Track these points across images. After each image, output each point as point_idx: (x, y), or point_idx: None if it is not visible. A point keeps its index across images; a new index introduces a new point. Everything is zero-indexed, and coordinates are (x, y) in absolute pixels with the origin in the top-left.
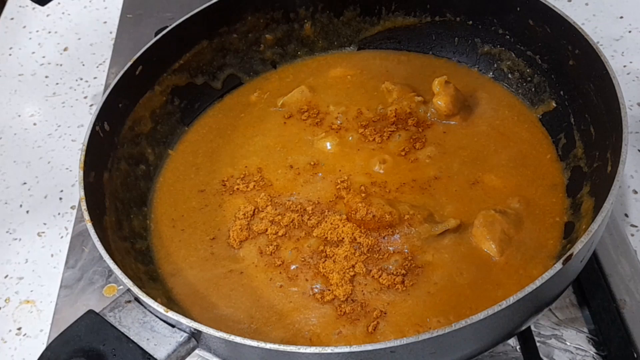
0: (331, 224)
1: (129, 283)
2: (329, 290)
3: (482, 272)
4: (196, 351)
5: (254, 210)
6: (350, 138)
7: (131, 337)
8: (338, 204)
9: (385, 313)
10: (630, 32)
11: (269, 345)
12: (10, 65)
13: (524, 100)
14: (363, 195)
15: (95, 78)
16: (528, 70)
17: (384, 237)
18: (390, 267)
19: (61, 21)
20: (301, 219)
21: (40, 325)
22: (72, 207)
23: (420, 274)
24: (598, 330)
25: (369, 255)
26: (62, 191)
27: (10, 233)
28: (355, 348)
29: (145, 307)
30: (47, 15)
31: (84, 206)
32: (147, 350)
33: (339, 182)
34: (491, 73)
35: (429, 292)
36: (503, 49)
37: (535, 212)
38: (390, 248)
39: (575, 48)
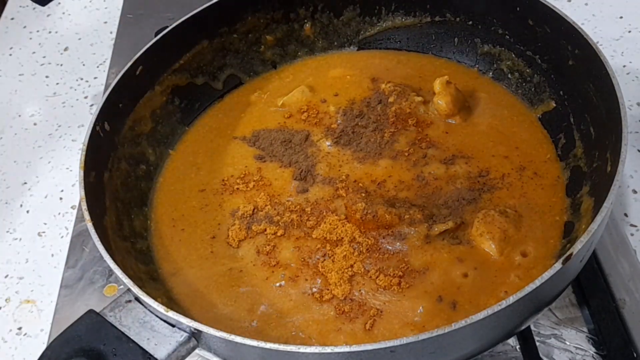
0: (330, 224)
1: (129, 283)
2: (328, 289)
3: (482, 272)
4: (196, 351)
5: (254, 209)
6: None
7: (131, 337)
8: (337, 204)
9: (382, 311)
10: (630, 32)
11: (269, 345)
12: (11, 65)
13: (523, 100)
14: (362, 195)
15: (95, 78)
16: (528, 70)
17: (383, 237)
18: (389, 267)
19: (61, 21)
20: (300, 219)
21: (40, 325)
22: (73, 207)
23: (419, 274)
24: (598, 329)
25: (368, 255)
26: (62, 191)
27: (11, 233)
28: (355, 348)
29: (146, 307)
30: (47, 15)
31: (84, 206)
32: (147, 350)
33: (338, 181)
34: (491, 73)
35: (426, 291)
36: (503, 49)
37: (535, 212)
38: (390, 248)
39: (575, 48)
